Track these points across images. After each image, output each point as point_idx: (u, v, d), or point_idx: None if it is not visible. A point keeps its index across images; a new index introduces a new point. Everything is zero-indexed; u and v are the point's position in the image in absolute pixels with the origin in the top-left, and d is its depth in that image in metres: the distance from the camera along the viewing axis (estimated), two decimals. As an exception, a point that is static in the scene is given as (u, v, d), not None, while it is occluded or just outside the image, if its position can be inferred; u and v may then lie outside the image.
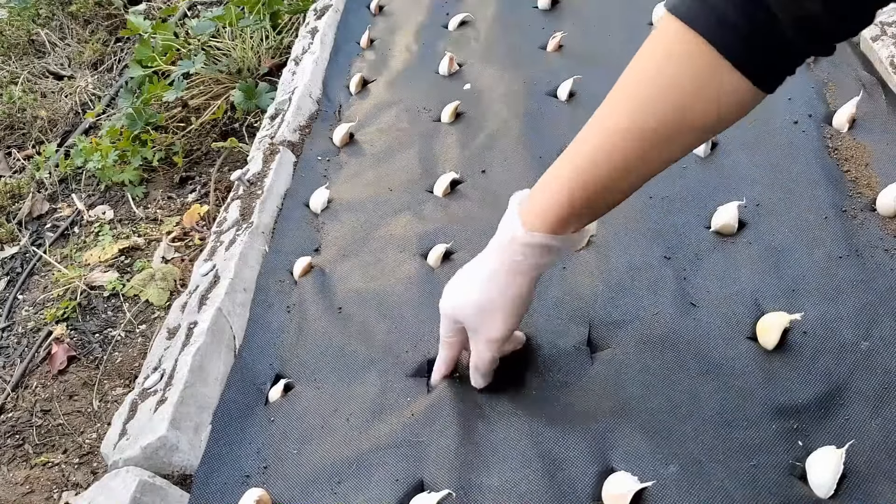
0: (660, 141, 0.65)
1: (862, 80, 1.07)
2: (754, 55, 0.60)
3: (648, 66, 0.64)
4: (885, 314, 0.77)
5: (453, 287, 0.76)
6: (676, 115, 0.63)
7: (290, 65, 1.48)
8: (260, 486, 0.76)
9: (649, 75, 0.64)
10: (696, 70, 0.61)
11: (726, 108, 0.63)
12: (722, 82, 0.61)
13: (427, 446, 0.76)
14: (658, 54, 0.63)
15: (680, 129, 0.64)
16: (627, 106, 0.65)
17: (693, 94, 0.62)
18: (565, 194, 0.68)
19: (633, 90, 0.65)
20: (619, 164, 0.66)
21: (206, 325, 0.91)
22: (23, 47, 2.29)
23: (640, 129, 0.64)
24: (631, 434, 0.73)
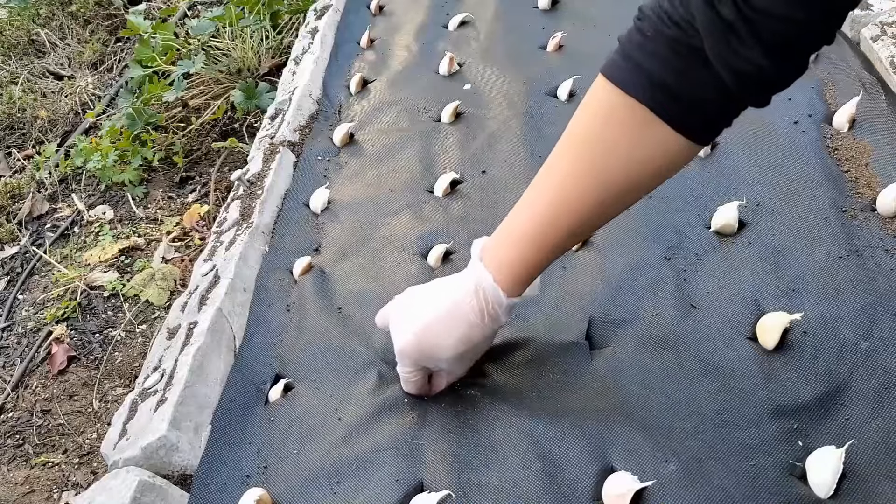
0: (611, 197, 0.68)
1: (862, 80, 1.07)
2: (691, 115, 0.62)
3: (592, 127, 0.67)
4: (885, 314, 0.78)
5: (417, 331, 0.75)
6: (621, 175, 0.66)
7: (290, 65, 1.48)
8: (260, 486, 0.76)
9: (593, 137, 0.66)
10: (636, 133, 0.64)
11: (668, 163, 0.66)
12: (661, 142, 0.63)
13: (427, 446, 0.76)
14: (598, 117, 0.66)
15: (628, 186, 0.67)
16: (577, 167, 0.67)
17: (636, 153, 0.65)
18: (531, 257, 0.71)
19: (580, 150, 0.67)
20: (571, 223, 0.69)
21: (206, 325, 0.91)
22: (23, 47, 2.29)
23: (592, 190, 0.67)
24: (631, 433, 0.73)
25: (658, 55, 0.61)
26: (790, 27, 0.55)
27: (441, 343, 0.74)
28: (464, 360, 0.77)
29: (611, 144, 0.65)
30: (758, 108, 0.62)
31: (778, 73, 0.59)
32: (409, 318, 0.76)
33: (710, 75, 0.59)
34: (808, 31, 0.56)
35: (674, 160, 0.66)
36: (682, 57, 0.60)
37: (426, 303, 0.75)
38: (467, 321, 0.73)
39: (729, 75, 0.58)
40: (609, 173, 0.66)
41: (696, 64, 0.60)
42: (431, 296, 0.76)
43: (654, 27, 0.61)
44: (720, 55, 0.58)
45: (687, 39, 0.59)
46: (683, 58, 0.60)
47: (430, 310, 0.74)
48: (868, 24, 1.15)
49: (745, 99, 0.61)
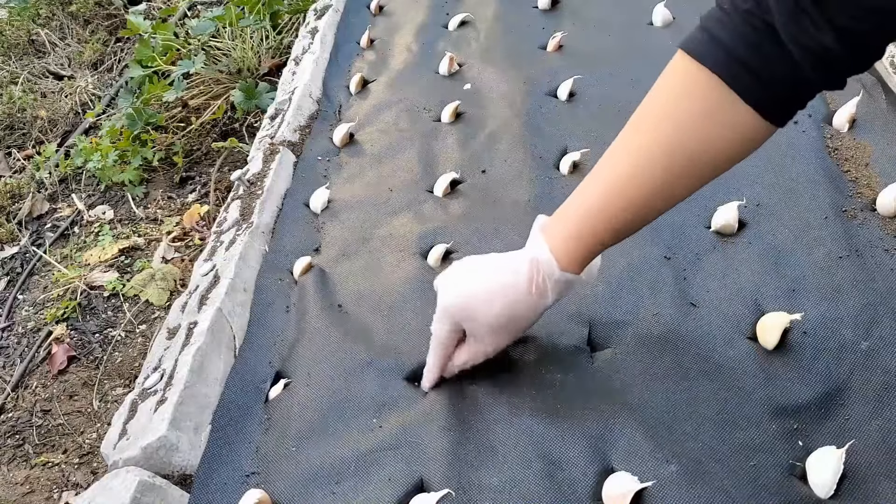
0: (680, 175, 0.66)
1: (862, 80, 1.07)
2: (766, 91, 0.61)
3: (666, 101, 0.65)
4: (886, 314, 0.77)
5: (465, 291, 0.75)
6: (695, 149, 0.64)
7: (290, 65, 1.48)
8: (259, 487, 0.76)
9: (667, 111, 0.65)
10: (710, 106, 0.62)
11: (740, 142, 0.64)
12: (735, 118, 0.62)
13: (426, 446, 0.76)
14: (674, 91, 0.65)
15: (698, 164, 0.65)
16: (648, 140, 0.66)
17: (709, 129, 0.63)
18: (593, 232, 0.70)
19: (652, 124, 0.66)
20: (637, 198, 0.67)
21: (206, 324, 0.91)
22: (23, 47, 2.29)
23: (662, 165, 0.66)
24: (631, 434, 0.73)
25: (734, 29, 0.60)
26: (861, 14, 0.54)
27: (486, 305, 0.74)
28: (501, 332, 0.76)
29: (684, 116, 0.64)
30: (832, 90, 0.61)
31: (849, 55, 0.57)
32: (461, 276, 0.76)
33: (784, 52, 0.58)
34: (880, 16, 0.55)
35: (746, 138, 0.64)
36: (758, 31, 0.59)
37: (481, 266, 0.76)
38: (515, 288, 0.72)
39: (800, 53, 0.57)
40: (680, 146, 0.64)
41: (770, 39, 0.59)
42: (488, 261, 0.76)
43: (731, 1, 0.61)
44: (790, 33, 0.57)
45: (761, 14, 0.59)
46: (758, 32, 0.59)
47: (483, 272, 0.75)
48: (868, 24, 1.15)
49: (817, 78, 0.60)
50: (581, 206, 0.70)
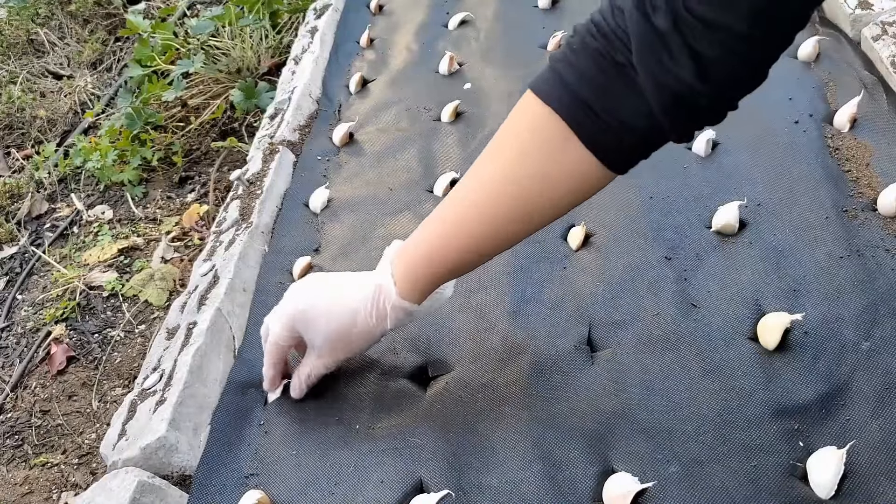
0: (520, 217, 0.67)
1: (863, 79, 1.07)
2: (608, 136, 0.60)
3: (513, 141, 0.66)
4: (887, 314, 0.77)
5: (308, 302, 0.76)
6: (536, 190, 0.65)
7: (290, 64, 1.48)
8: (258, 488, 0.76)
9: (512, 151, 0.65)
10: (553, 148, 0.62)
11: (578, 186, 0.64)
12: (576, 161, 0.62)
13: (426, 447, 0.76)
14: (520, 130, 0.65)
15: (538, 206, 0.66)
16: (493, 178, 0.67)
17: (551, 171, 0.63)
18: (433, 266, 0.71)
19: (498, 163, 0.67)
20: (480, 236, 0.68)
21: (205, 325, 0.91)
22: (22, 47, 2.29)
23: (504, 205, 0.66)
24: (631, 434, 0.73)
25: (580, 69, 0.60)
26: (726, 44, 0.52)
27: (324, 318, 0.75)
28: (337, 348, 0.78)
29: (528, 157, 0.64)
30: (678, 142, 0.60)
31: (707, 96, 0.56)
32: (310, 286, 0.78)
33: (633, 95, 0.57)
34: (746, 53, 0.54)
35: (585, 183, 0.64)
36: (605, 72, 0.59)
37: (331, 282, 0.78)
38: (355, 309, 0.74)
39: (654, 93, 0.56)
40: (524, 187, 0.65)
41: (619, 81, 0.58)
42: (339, 279, 0.78)
43: (581, 40, 0.60)
44: (647, 67, 0.55)
45: (612, 53, 0.58)
46: (606, 73, 0.58)
47: (331, 288, 0.77)
48: (869, 24, 1.15)
49: (667, 124, 0.58)
50: (425, 240, 0.72)
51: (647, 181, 1.00)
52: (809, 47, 1.13)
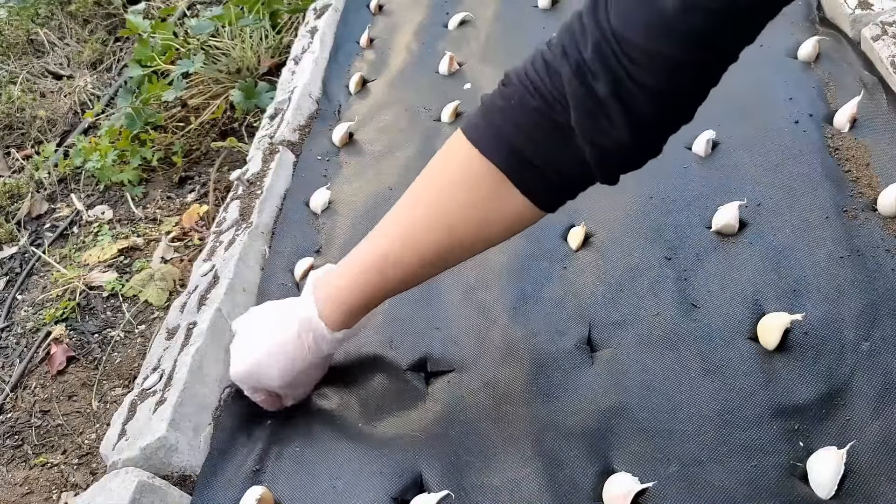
0: (447, 254, 0.70)
1: (863, 79, 1.07)
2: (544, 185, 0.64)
3: (445, 184, 0.68)
4: (887, 314, 0.77)
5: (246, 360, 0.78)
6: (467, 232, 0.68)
7: (290, 64, 1.48)
8: (262, 484, 0.76)
9: (443, 194, 0.68)
10: (488, 194, 0.65)
11: (511, 226, 0.68)
12: (511, 206, 0.66)
13: (427, 446, 0.76)
14: (453, 176, 0.68)
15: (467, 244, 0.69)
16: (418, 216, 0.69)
17: (483, 214, 0.67)
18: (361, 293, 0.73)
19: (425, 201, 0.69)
20: (410, 267, 0.71)
21: (205, 325, 0.91)
22: (22, 47, 2.29)
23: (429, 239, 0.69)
24: (631, 434, 0.73)
25: (518, 123, 0.63)
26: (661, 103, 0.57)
27: (267, 373, 0.77)
28: (295, 385, 0.80)
29: (462, 201, 0.67)
30: (607, 185, 0.64)
31: (635, 154, 0.61)
32: (241, 346, 0.80)
33: (570, 149, 0.61)
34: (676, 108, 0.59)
35: (518, 223, 0.68)
36: (543, 129, 0.62)
37: (256, 329, 0.79)
38: (289, 352, 0.76)
39: (591, 150, 0.60)
40: (455, 228, 0.68)
41: (557, 136, 0.61)
42: (262, 325, 0.79)
43: (518, 95, 0.63)
44: (586, 130, 0.59)
45: (550, 113, 0.61)
46: (544, 129, 0.62)
47: (258, 337, 0.78)
48: (869, 24, 1.15)
49: (599, 175, 0.63)
50: (351, 271, 0.73)
51: (647, 181, 1.00)
52: (809, 47, 1.13)
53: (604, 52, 0.56)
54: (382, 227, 0.72)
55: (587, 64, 0.57)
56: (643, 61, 0.55)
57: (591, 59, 0.57)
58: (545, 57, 0.61)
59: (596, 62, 0.57)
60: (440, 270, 0.73)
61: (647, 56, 0.54)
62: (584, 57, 0.57)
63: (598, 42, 0.56)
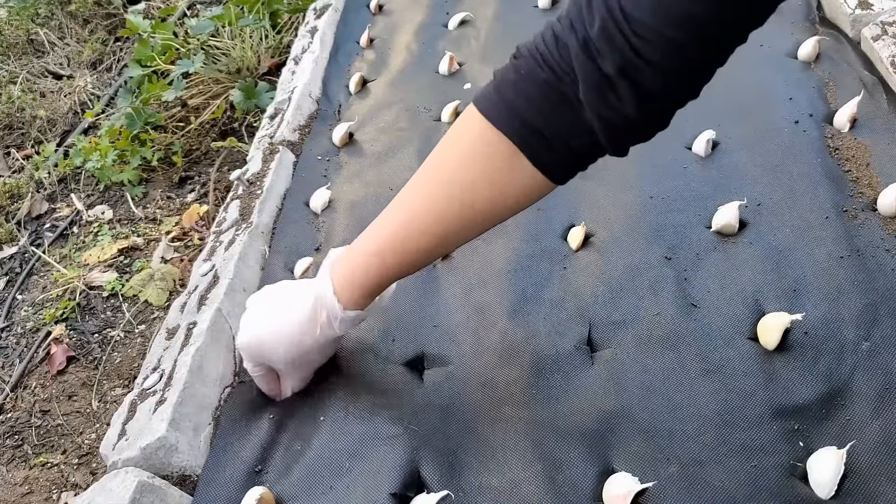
0: (461, 227, 0.70)
1: (863, 79, 1.07)
2: (556, 157, 0.64)
3: (458, 157, 0.68)
4: (887, 314, 0.77)
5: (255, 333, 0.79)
6: (481, 205, 0.68)
7: (290, 64, 1.48)
8: (262, 484, 0.76)
9: (457, 167, 0.68)
10: (501, 166, 0.66)
11: (525, 198, 0.68)
12: (524, 178, 0.66)
13: (427, 446, 0.76)
14: (466, 148, 0.67)
15: (481, 217, 0.69)
16: (434, 191, 0.69)
17: (497, 186, 0.67)
18: (376, 273, 0.73)
19: (439, 176, 0.69)
20: (425, 244, 0.71)
21: (205, 325, 0.91)
22: (22, 47, 2.29)
23: (445, 213, 0.69)
24: (631, 434, 0.73)
25: (529, 95, 0.63)
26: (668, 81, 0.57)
27: (274, 345, 0.77)
28: (297, 365, 0.80)
29: (475, 173, 0.67)
30: (616, 157, 0.64)
31: (643, 128, 0.62)
32: (252, 317, 0.80)
33: (579, 122, 0.61)
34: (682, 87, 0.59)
35: (531, 195, 0.68)
36: (552, 101, 0.62)
37: (270, 304, 0.79)
38: (300, 327, 0.76)
39: (599, 124, 0.61)
40: (468, 201, 0.68)
41: (565, 109, 0.62)
42: (276, 298, 0.79)
43: (528, 67, 0.63)
44: (594, 105, 0.60)
45: (559, 85, 0.61)
46: (553, 102, 0.62)
47: (272, 310, 0.78)
48: (869, 24, 1.15)
49: (609, 147, 0.63)
50: (368, 247, 0.73)
51: (647, 181, 1.00)
52: (809, 47, 1.13)
53: (610, 30, 0.56)
54: (398, 203, 0.72)
55: (593, 41, 0.57)
56: (651, 38, 0.55)
57: (596, 37, 0.57)
58: (555, 30, 0.62)
59: (601, 40, 0.57)
60: (454, 247, 0.73)
61: (654, 34, 0.55)
62: (590, 34, 0.58)
63: (604, 19, 0.56)
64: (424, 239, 0.70)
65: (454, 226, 0.69)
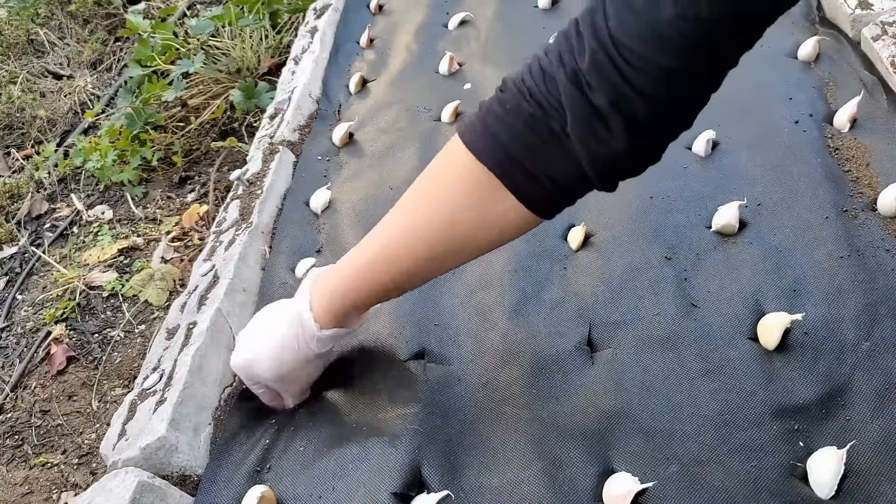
0: (442, 258, 0.70)
1: (863, 79, 1.07)
2: (541, 192, 0.64)
3: (442, 188, 0.68)
4: (887, 314, 0.77)
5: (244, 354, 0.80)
6: (463, 237, 0.68)
7: (290, 64, 1.48)
8: (264, 483, 0.76)
9: (440, 199, 0.68)
10: (484, 199, 0.65)
11: (508, 232, 0.68)
12: (507, 212, 0.65)
13: (428, 446, 0.76)
14: (450, 180, 0.67)
15: (463, 250, 0.69)
16: (414, 219, 0.69)
17: (480, 220, 0.66)
18: (350, 298, 0.74)
19: (422, 204, 0.69)
20: (403, 269, 0.71)
21: (205, 325, 0.91)
22: (22, 47, 2.29)
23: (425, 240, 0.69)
24: (631, 434, 0.73)
25: (514, 129, 0.62)
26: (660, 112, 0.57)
27: (260, 366, 0.78)
28: (287, 381, 0.80)
29: (460, 203, 0.66)
30: (605, 192, 0.64)
31: (633, 162, 0.61)
32: (244, 337, 0.81)
33: (566, 156, 0.61)
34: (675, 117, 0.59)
35: (514, 228, 0.68)
36: (538, 135, 0.61)
37: (258, 324, 0.81)
38: (281, 344, 0.77)
39: (588, 158, 0.60)
40: (452, 230, 0.67)
41: (553, 143, 0.61)
42: (263, 318, 0.81)
43: (514, 101, 0.62)
44: (583, 139, 0.59)
45: (545, 119, 0.60)
46: (539, 136, 0.61)
47: (258, 331, 0.80)
48: (869, 24, 1.15)
49: (598, 183, 0.63)
50: (343, 272, 0.74)
51: (647, 181, 0.99)
52: (809, 47, 1.13)
53: (600, 61, 0.55)
54: (381, 228, 0.72)
55: (584, 74, 0.57)
56: (642, 67, 0.54)
57: (587, 70, 0.56)
58: (541, 63, 0.61)
59: (592, 73, 0.56)
60: (436, 274, 0.73)
61: (646, 63, 0.54)
62: (581, 66, 0.57)
63: (594, 52, 0.56)
64: (405, 262, 0.70)
65: (434, 253, 0.69)
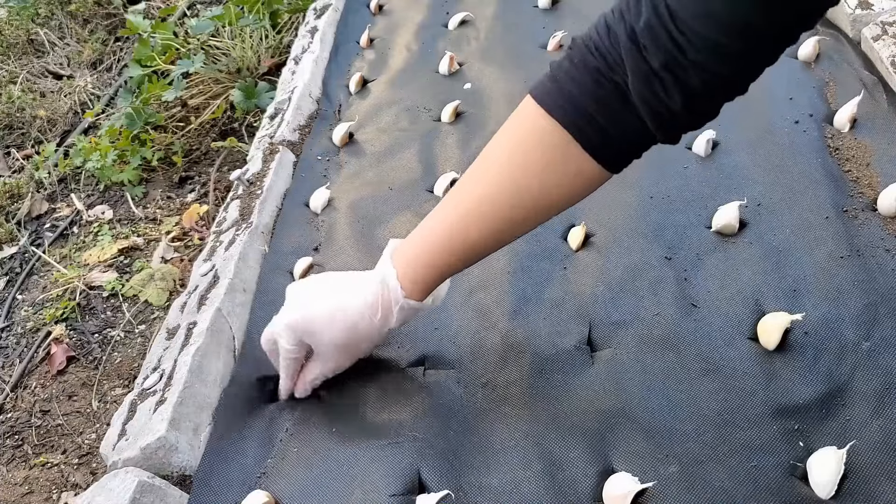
0: (522, 216, 0.70)
1: (863, 79, 1.07)
2: (609, 145, 0.65)
3: (516, 145, 0.69)
4: (887, 314, 0.77)
5: (309, 309, 0.77)
6: (539, 193, 0.68)
7: (290, 64, 1.48)
8: (263, 487, 0.76)
9: (515, 155, 0.68)
10: (557, 155, 0.66)
11: (581, 187, 0.69)
12: (579, 167, 0.66)
13: (427, 446, 0.76)
14: (523, 137, 0.68)
15: (540, 206, 0.69)
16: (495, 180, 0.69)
17: (554, 176, 0.67)
18: (436, 263, 0.73)
19: (501, 165, 0.69)
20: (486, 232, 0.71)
21: (205, 325, 0.91)
22: (22, 47, 2.29)
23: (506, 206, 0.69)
24: (631, 434, 0.73)
25: (582, 83, 0.63)
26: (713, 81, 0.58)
27: (327, 324, 0.76)
28: (343, 351, 0.79)
29: (530, 162, 0.67)
30: (667, 144, 0.65)
31: (690, 120, 0.62)
32: (308, 293, 0.79)
33: (629, 110, 0.62)
34: (729, 86, 0.60)
35: (586, 184, 0.68)
36: (604, 88, 0.62)
37: (330, 284, 0.79)
38: (358, 311, 0.75)
39: (647, 113, 0.61)
40: (525, 190, 0.68)
41: (616, 97, 0.62)
42: (338, 281, 0.79)
43: (581, 56, 0.64)
44: (642, 95, 0.60)
45: (610, 73, 0.62)
46: (604, 89, 0.62)
47: (330, 291, 0.78)
48: (869, 24, 1.15)
49: (659, 135, 0.63)
50: (428, 237, 0.73)
51: (647, 181, 1.00)
52: (809, 47, 1.13)
53: (654, 27, 0.57)
54: (457, 192, 0.72)
55: (638, 36, 0.58)
56: (695, 40, 0.55)
57: (641, 32, 0.58)
58: (607, 19, 0.62)
59: (646, 36, 0.57)
60: (513, 237, 0.73)
61: (700, 38, 0.55)
62: (637, 28, 0.58)
63: (649, 18, 0.57)
64: (485, 226, 0.70)
65: (512, 215, 0.69)
